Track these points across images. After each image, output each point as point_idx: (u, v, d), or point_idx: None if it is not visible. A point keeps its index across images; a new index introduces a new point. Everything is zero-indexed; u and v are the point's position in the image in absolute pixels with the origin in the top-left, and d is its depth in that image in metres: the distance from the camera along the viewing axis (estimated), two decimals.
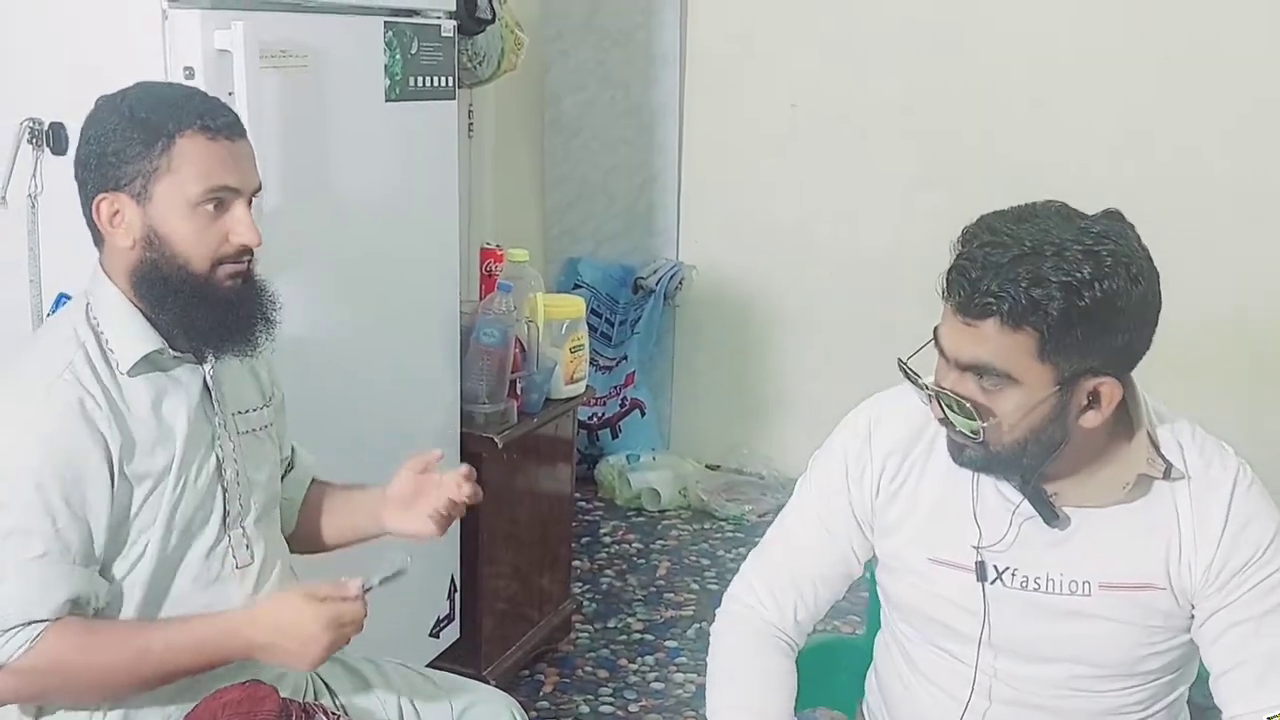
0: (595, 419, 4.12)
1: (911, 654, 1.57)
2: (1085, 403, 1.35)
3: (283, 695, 1.62)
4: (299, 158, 2.08)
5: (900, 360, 1.41)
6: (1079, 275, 1.26)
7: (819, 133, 3.91)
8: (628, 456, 4.08)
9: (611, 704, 2.92)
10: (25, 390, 1.46)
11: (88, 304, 1.54)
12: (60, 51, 1.93)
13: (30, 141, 1.95)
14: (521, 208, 4.25)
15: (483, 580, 2.78)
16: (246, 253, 1.53)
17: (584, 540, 3.78)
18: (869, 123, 3.84)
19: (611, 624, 3.29)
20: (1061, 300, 1.26)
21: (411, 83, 2.33)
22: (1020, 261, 1.27)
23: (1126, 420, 1.42)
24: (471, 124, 3.89)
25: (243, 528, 1.61)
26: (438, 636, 2.69)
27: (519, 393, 2.74)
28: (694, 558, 3.71)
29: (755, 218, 4.02)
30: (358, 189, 2.25)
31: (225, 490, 1.59)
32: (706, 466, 4.21)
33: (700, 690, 2.92)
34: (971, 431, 1.35)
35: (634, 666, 3.09)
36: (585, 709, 2.89)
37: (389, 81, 2.28)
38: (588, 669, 3.07)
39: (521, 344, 2.74)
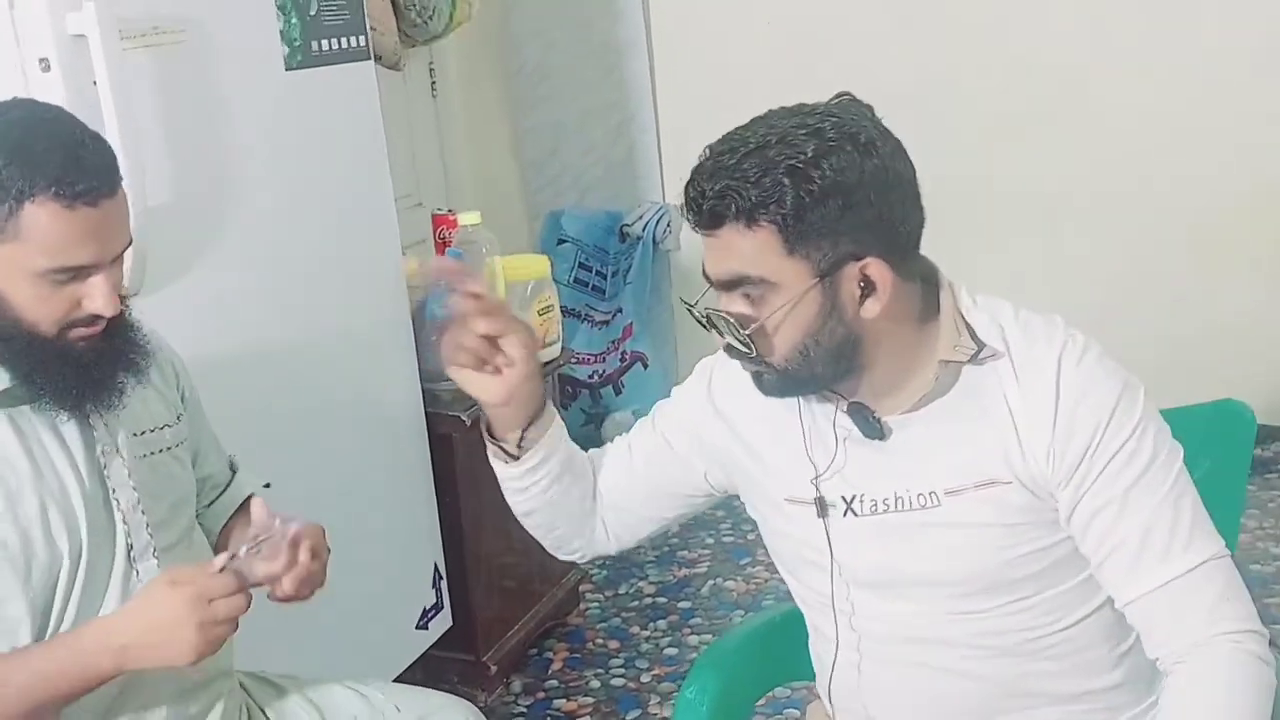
0: (595, 377, 3.96)
1: (801, 607, 1.50)
2: (859, 292, 1.25)
3: None
4: (188, 146, 1.92)
5: (682, 299, 1.39)
6: (804, 155, 1.20)
7: (799, 51, 3.68)
8: (634, 412, 3.91)
9: (623, 675, 2.80)
10: None
11: None
12: None
13: None
14: (499, 165, 4.07)
15: (470, 564, 2.65)
16: (101, 318, 1.36)
17: None
18: (851, 34, 3.61)
19: (622, 590, 3.16)
20: (790, 186, 1.20)
21: (315, 47, 2.16)
22: (747, 158, 1.22)
23: (934, 311, 1.32)
24: (434, 83, 3.72)
25: (156, 559, 1.46)
26: (426, 628, 2.57)
27: None
28: (707, 510, 3.53)
29: None
30: (267, 170, 2.09)
31: (126, 521, 1.45)
32: None
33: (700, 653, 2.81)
34: (741, 344, 1.27)
35: (646, 633, 2.95)
36: (596, 683, 2.77)
37: (288, 49, 2.10)
38: (598, 641, 2.94)
39: None
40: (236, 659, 1.63)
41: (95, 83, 1.71)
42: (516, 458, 1.44)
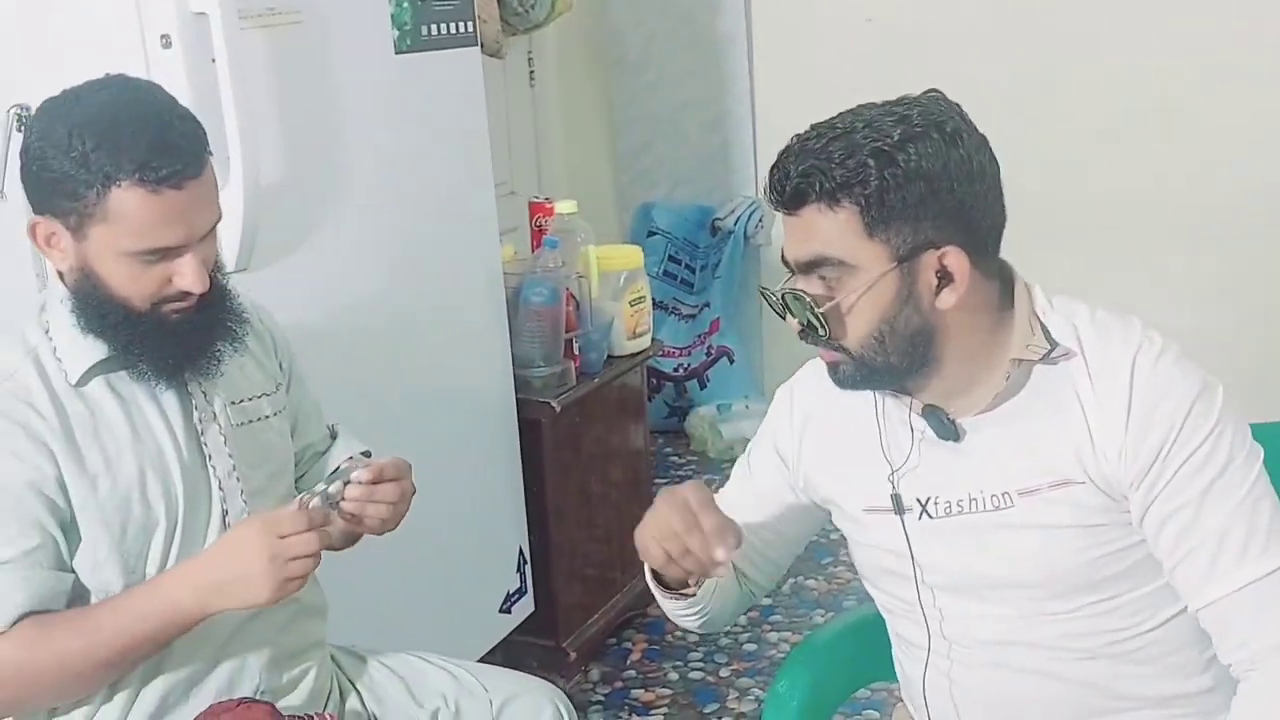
0: (681, 370, 3.96)
1: (886, 619, 1.50)
2: (936, 282, 1.26)
3: (296, 702, 1.54)
4: (300, 124, 1.96)
5: (760, 287, 1.39)
6: (890, 140, 1.22)
7: (898, 49, 3.64)
8: (718, 406, 3.91)
9: (702, 669, 2.79)
10: None
11: (44, 306, 1.44)
12: (37, 30, 1.82)
13: (20, 129, 1.86)
14: (592, 155, 4.10)
15: (554, 550, 2.67)
16: (190, 294, 1.39)
17: None
18: (951, 34, 3.57)
19: None
20: (875, 168, 1.22)
21: (425, 31, 2.18)
22: (833, 142, 1.24)
23: (1010, 310, 1.32)
24: (533, 71, 3.75)
25: None
26: (509, 612, 2.59)
27: (576, 353, 2.60)
28: None
29: None
30: (374, 152, 2.12)
31: (222, 488, 1.48)
32: None
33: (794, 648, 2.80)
34: (816, 323, 1.28)
35: (725, 628, 2.94)
36: (674, 675, 2.77)
37: (398, 32, 2.13)
38: (677, 633, 2.93)
39: (575, 301, 2.59)
40: (328, 633, 1.65)
41: (214, 60, 1.75)
42: (692, 594, 1.44)
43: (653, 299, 2.92)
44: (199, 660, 1.46)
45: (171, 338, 1.40)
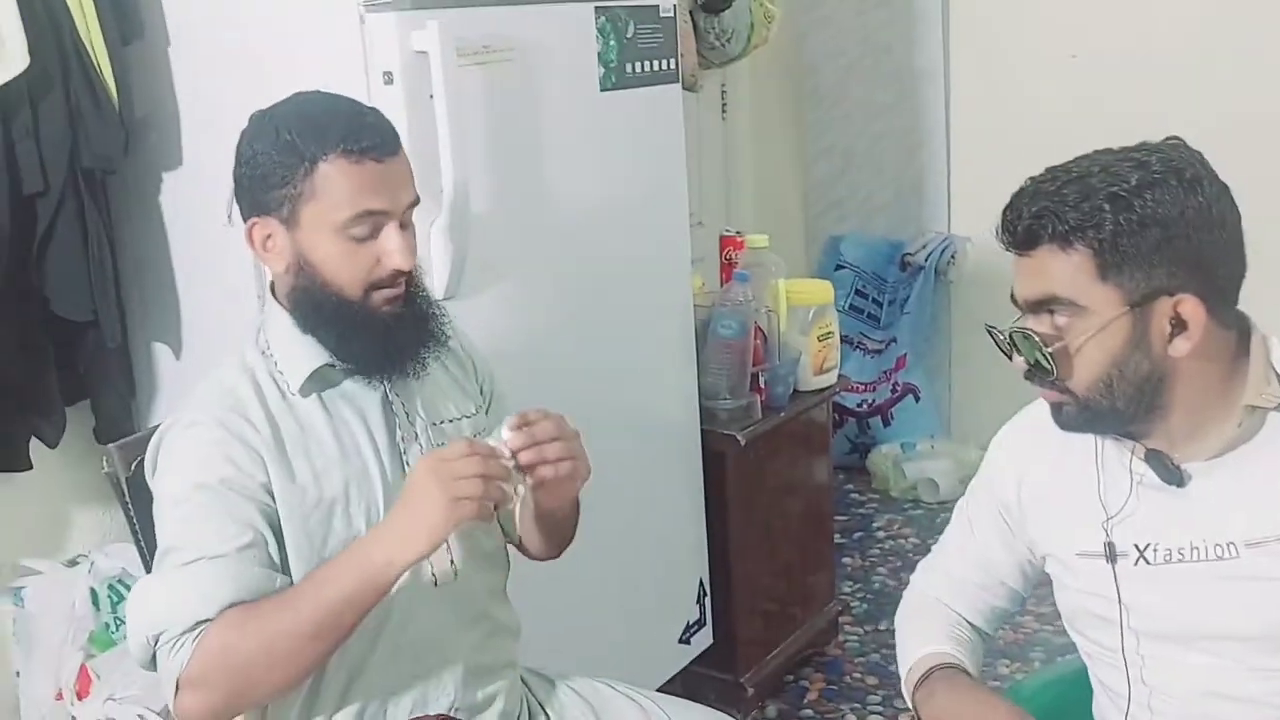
0: (865, 406, 3.91)
1: (1088, 664, 1.47)
2: (1170, 328, 1.24)
3: None
4: (509, 157, 2.02)
5: (987, 325, 1.36)
6: (1126, 185, 1.22)
7: (1102, 86, 3.53)
8: (902, 445, 3.85)
9: (880, 713, 2.74)
10: (189, 419, 1.45)
11: (260, 327, 1.53)
12: (264, 64, 1.93)
13: None
14: (782, 187, 4.10)
15: (735, 583, 2.66)
16: (401, 275, 1.46)
17: (855, 535, 3.60)
18: (1160, 72, 3.44)
19: (883, 626, 3.08)
20: (1110, 212, 1.21)
21: (629, 69, 2.23)
22: (1068, 185, 1.24)
23: (1244, 360, 1.29)
24: (725, 105, 3.78)
25: (446, 544, 1.52)
26: (688, 643, 2.59)
27: (762, 386, 2.60)
28: None
29: None
30: (576, 184, 2.17)
31: None
32: None
33: None
34: (1045, 362, 1.27)
35: None
36: (852, 718, 2.73)
37: (604, 70, 2.18)
38: (856, 675, 2.90)
39: (763, 334, 2.59)
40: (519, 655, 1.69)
41: (432, 96, 1.83)
42: None
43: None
44: (396, 675, 1.51)
45: (383, 332, 1.46)
